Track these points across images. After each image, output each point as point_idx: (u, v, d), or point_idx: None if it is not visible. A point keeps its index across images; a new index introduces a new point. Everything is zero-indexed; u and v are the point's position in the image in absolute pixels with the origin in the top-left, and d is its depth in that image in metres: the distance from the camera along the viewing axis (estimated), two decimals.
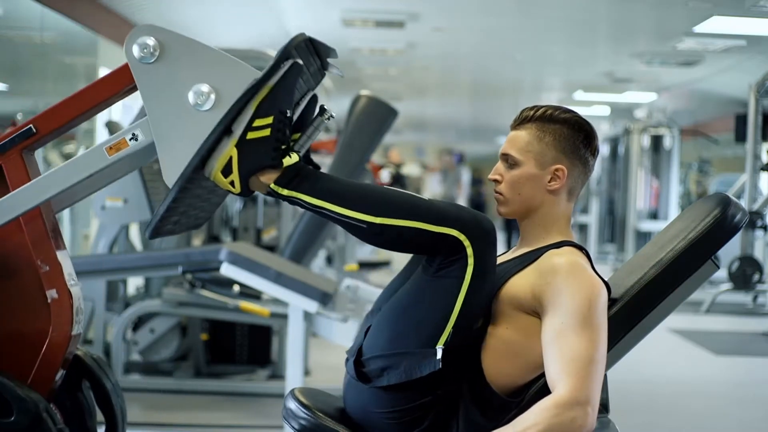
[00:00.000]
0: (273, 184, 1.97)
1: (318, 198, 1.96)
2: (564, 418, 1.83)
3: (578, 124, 2.07)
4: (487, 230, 1.93)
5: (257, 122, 1.96)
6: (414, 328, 1.95)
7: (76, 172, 2.08)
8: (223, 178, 1.98)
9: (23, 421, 2.07)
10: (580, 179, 2.09)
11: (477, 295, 1.93)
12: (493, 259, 1.96)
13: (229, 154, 1.96)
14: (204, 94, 1.97)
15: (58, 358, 2.18)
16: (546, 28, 8.37)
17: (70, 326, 2.18)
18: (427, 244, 1.93)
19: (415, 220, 1.92)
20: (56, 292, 2.17)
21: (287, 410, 2.07)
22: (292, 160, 1.99)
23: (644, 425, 4.74)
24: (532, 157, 2.05)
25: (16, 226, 2.15)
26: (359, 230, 1.95)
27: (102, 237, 5.16)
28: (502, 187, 2.09)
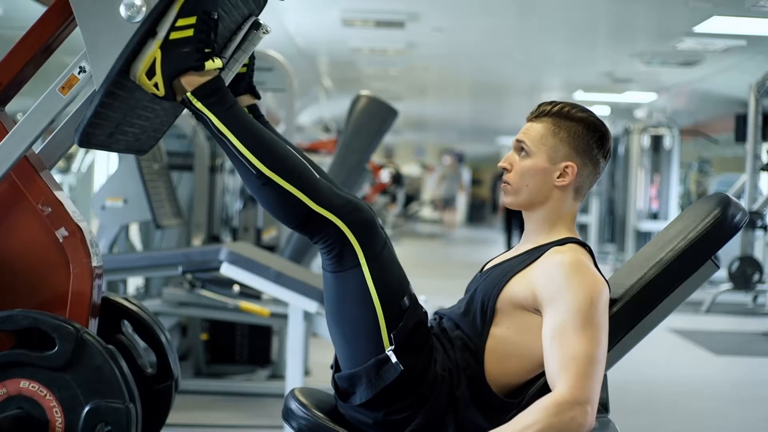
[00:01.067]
0: (189, 93, 1.98)
1: (225, 125, 1.97)
2: (563, 417, 1.83)
3: (594, 125, 2.07)
4: (365, 219, 1.96)
5: (180, 22, 1.97)
6: (354, 331, 1.98)
7: (40, 117, 2.12)
8: (148, 80, 1.99)
9: (67, 348, 2.04)
10: (588, 179, 2.09)
11: (383, 273, 1.96)
12: (378, 239, 1.98)
13: (153, 55, 1.98)
14: (135, 7, 1.99)
15: (86, 292, 2.18)
16: (546, 28, 8.36)
17: (89, 258, 2.19)
18: (302, 218, 1.95)
19: (301, 190, 1.94)
20: (65, 230, 2.18)
21: (287, 410, 2.07)
22: (215, 65, 2.00)
23: (644, 425, 4.74)
24: (545, 150, 2.06)
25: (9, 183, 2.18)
26: (248, 174, 1.96)
27: (102, 237, 5.15)
28: (511, 176, 2.09)
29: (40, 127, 2.12)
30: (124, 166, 4.94)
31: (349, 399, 2.01)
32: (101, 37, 2.02)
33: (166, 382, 2.44)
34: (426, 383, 1.96)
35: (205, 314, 4.84)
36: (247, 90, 2.24)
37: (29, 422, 2.05)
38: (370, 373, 1.96)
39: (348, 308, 1.98)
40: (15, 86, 2.21)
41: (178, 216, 5.24)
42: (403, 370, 1.93)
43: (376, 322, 1.95)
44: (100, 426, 2.03)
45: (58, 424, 2.06)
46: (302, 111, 12.93)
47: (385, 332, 1.95)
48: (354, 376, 1.99)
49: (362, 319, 1.96)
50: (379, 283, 1.95)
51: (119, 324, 2.43)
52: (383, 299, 1.95)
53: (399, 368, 1.93)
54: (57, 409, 2.06)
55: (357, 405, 2.00)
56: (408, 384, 1.95)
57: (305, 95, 11.42)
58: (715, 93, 11.59)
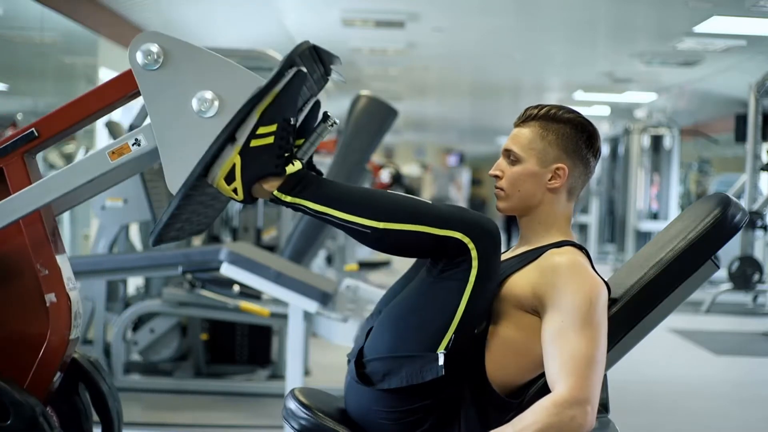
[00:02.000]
0: (276, 192, 1.97)
1: (321, 204, 1.96)
2: (563, 417, 1.83)
3: (581, 125, 2.07)
4: (490, 232, 1.93)
5: (261, 130, 1.95)
6: (416, 330, 1.95)
7: (77, 176, 2.09)
8: (226, 185, 1.98)
9: (20, 425, 2.07)
10: (580, 179, 2.09)
11: (481, 297, 1.93)
12: (497, 261, 1.96)
13: (233, 161, 1.96)
14: (208, 101, 1.97)
15: (55, 361, 2.18)
16: (546, 28, 8.36)
17: (69, 330, 2.19)
18: (430, 248, 1.93)
19: (418, 223, 1.92)
20: (55, 296, 2.17)
21: (287, 410, 2.07)
22: (295, 168, 1.99)
23: (644, 425, 4.74)
24: (534, 154, 2.06)
25: (16, 229, 2.15)
26: (363, 235, 1.95)
27: (102, 237, 5.16)
28: (503, 182, 2.09)
29: (74, 185, 2.08)
30: None
31: (375, 383, 1.98)
32: (171, 127, 1.99)
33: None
34: (447, 390, 1.96)
35: (205, 314, 4.85)
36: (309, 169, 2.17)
37: None
38: (414, 365, 1.93)
39: (425, 311, 1.95)
40: (54, 141, 2.18)
41: None
42: (443, 375, 1.92)
43: (443, 334, 1.92)
44: None
45: None
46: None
47: (444, 346, 1.93)
48: (397, 360, 1.95)
49: (430, 327, 1.93)
50: (472, 303, 1.92)
51: (77, 385, 2.43)
52: (464, 319, 1.92)
53: (441, 372, 1.92)
54: None
55: (383, 390, 1.97)
56: (436, 388, 1.95)
57: None
58: (715, 93, 11.59)
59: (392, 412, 1.97)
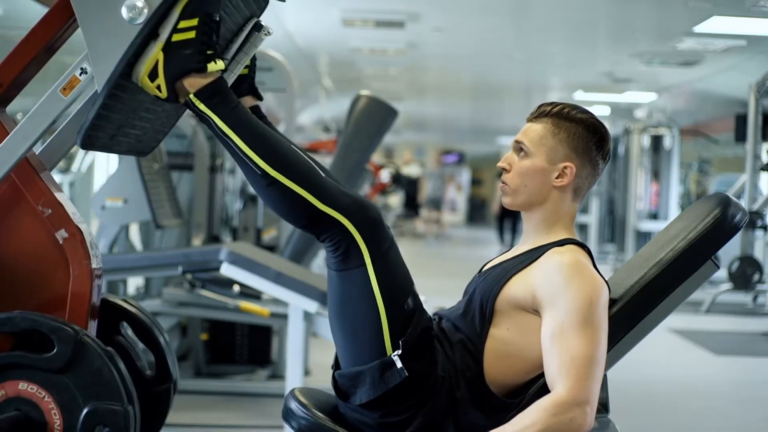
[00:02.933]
0: (192, 95, 1.98)
1: (228, 126, 1.97)
2: (563, 417, 1.83)
3: (594, 126, 2.07)
4: (370, 214, 1.96)
5: (182, 24, 1.97)
6: (357, 331, 1.98)
7: (40, 119, 2.12)
8: (150, 82, 1.99)
9: (66, 350, 2.03)
10: (587, 180, 2.09)
11: (388, 273, 1.96)
12: (384, 238, 1.98)
13: (156, 57, 1.98)
14: (137, 8, 1.99)
15: (85, 294, 2.17)
16: (546, 28, 8.36)
17: (89, 260, 2.19)
18: (307, 217, 1.95)
19: (307, 190, 1.94)
20: (65, 231, 2.18)
21: (287, 410, 2.07)
22: (217, 66, 1.99)
23: (644, 425, 4.74)
24: (544, 151, 2.06)
25: (9, 184, 2.17)
26: (253, 175, 1.96)
27: (102, 237, 5.15)
28: (510, 176, 2.09)
29: (41, 129, 2.12)
30: (124, 166, 4.94)
31: (349, 399, 2.01)
32: (103, 38, 2.01)
33: (165, 384, 2.44)
34: (427, 385, 1.96)
35: (205, 314, 4.84)
36: (250, 91, 2.24)
37: (28, 424, 2.05)
38: (374, 374, 1.95)
39: (351, 307, 1.98)
40: (16, 87, 2.20)
41: (178, 216, 5.24)
42: (407, 375, 1.93)
43: (379, 322, 1.95)
44: (98, 428, 2.03)
45: (56, 427, 2.05)
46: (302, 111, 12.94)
47: (388, 332, 1.95)
48: (357, 375, 1.98)
49: (365, 319, 1.96)
50: (384, 283, 1.95)
51: (118, 326, 2.42)
52: (387, 299, 1.95)
53: (404, 374, 1.93)
54: (55, 411, 2.06)
55: (357, 405, 1.99)
56: (410, 387, 1.95)
57: (305, 95, 11.42)
58: (715, 93, 11.59)
59: (375, 418, 1.99)
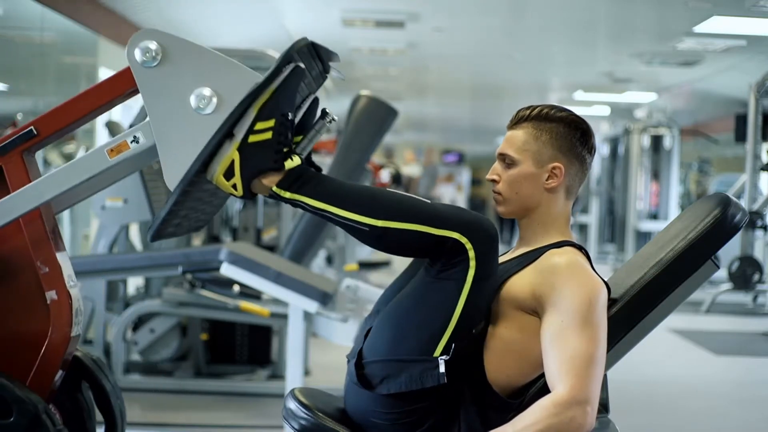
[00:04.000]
0: (275, 187, 1.97)
1: (320, 201, 1.96)
2: (563, 417, 1.83)
3: (574, 123, 2.07)
4: (488, 232, 1.93)
5: (259, 125, 1.96)
6: (414, 331, 1.94)
7: (76, 173, 2.08)
8: (225, 181, 1.98)
9: (22, 422, 2.06)
10: (577, 177, 2.09)
11: (478, 297, 1.93)
12: (494, 262, 1.96)
13: (231, 157, 1.96)
14: (206, 98, 1.97)
15: (57, 359, 2.18)
16: (546, 28, 8.36)
17: (70, 327, 2.18)
18: (428, 247, 1.93)
19: (417, 222, 1.92)
20: (56, 294, 2.16)
21: (287, 410, 2.07)
22: (294, 163, 1.99)
23: (644, 425, 4.74)
24: (530, 156, 2.06)
25: (16, 227, 2.15)
26: (361, 233, 1.95)
27: (102, 237, 5.15)
28: (501, 186, 2.09)
29: (73, 182, 2.08)
30: None
31: (374, 387, 1.98)
32: (169, 124, 1.99)
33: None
34: (446, 392, 1.96)
35: (205, 314, 4.84)
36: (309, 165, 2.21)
37: None
38: (413, 370, 1.93)
39: (425, 310, 1.94)
40: (52, 139, 2.17)
41: None
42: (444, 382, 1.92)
43: (440, 336, 1.92)
44: None
45: None
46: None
47: (443, 345, 1.92)
48: (396, 364, 1.95)
49: (430, 326, 1.93)
50: (470, 304, 1.92)
51: (80, 383, 2.42)
52: (462, 320, 1.92)
53: (443, 379, 1.91)
54: None
55: (381, 395, 1.97)
56: (434, 391, 1.94)
57: None
58: (715, 93, 11.59)
59: (391, 413, 1.97)
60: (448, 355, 1.92)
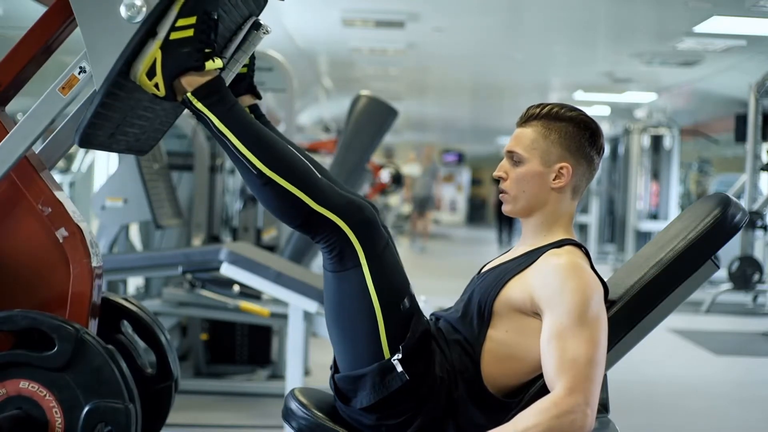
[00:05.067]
0: (190, 93, 1.98)
1: (225, 125, 1.97)
2: (564, 419, 1.83)
3: (584, 123, 2.07)
4: (365, 215, 1.96)
5: (180, 22, 1.97)
6: (353, 341, 1.98)
7: (40, 118, 2.12)
8: (148, 80, 1.99)
9: (67, 348, 2.04)
10: (584, 177, 2.09)
11: (383, 273, 1.96)
12: (379, 239, 1.98)
13: (154, 56, 1.98)
14: (136, 7, 1.99)
15: (86, 292, 2.18)
16: (546, 29, 8.36)
17: (89, 258, 2.19)
18: (303, 218, 1.95)
19: (302, 190, 1.94)
20: (65, 230, 2.18)
21: (287, 410, 2.07)
22: (215, 65, 2.00)
23: (644, 425, 4.74)
24: (538, 154, 2.05)
25: (9, 183, 2.18)
26: (249, 175, 1.96)
27: (102, 237, 5.15)
28: (507, 184, 2.08)
29: (41, 128, 2.13)
30: (124, 166, 4.94)
31: (349, 402, 2.01)
32: (101, 37, 2.02)
33: (166, 383, 2.44)
34: (425, 386, 1.96)
35: (205, 314, 4.84)
36: (248, 90, 2.24)
37: (29, 422, 2.05)
38: (374, 379, 1.95)
39: (347, 308, 1.97)
40: (15, 86, 2.21)
41: (178, 216, 5.24)
42: (408, 379, 1.93)
43: (375, 323, 1.95)
44: (100, 426, 2.03)
45: (57, 425, 2.05)
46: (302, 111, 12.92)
47: (384, 333, 1.95)
48: (356, 379, 1.98)
49: (361, 319, 1.96)
50: (379, 283, 1.95)
51: (119, 324, 2.43)
52: (383, 300, 1.95)
53: (405, 378, 1.93)
54: (57, 409, 2.06)
55: (358, 408, 1.99)
56: (409, 389, 1.95)
57: (305, 95, 11.41)
58: (715, 93, 11.59)
59: (377, 420, 1.99)
60: (399, 352, 1.94)
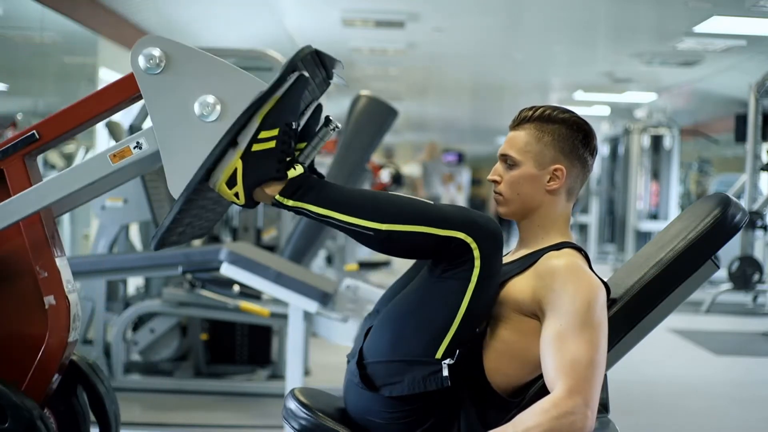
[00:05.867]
0: (278, 196, 1.97)
1: (323, 207, 1.96)
2: (564, 420, 1.83)
3: (576, 124, 2.07)
4: (493, 232, 1.93)
5: (263, 134, 1.96)
6: (416, 330, 1.94)
7: (78, 178, 2.09)
8: (228, 189, 1.98)
9: (17, 428, 2.07)
10: (579, 179, 2.09)
11: (482, 296, 1.93)
12: (499, 261, 1.96)
13: (234, 165, 1.96)
14: (209, 105, 1.97)
15: (53, 364, 2.18)
16: (546, 29, 8.36)
17: (67, 332, 2.18)
18: (433, 248, 1.93)
19: (422, 224, 1.91)
20: (54, 299, 2.17)
21: (287, 410, 2.07)
22: (296, 172, 1.98)
23: (644, 425, 4.74)
24: (531, 157, 2.06)
25: (16, 231, 2.16)
26: (366, 237, 1.95)
27: (102, 237, 5.16)
28: (502, 187, 2.09)
29: (75, 187, 2.08)
30: None
31: (378, 389, 1.97)
32: (173, 131, 1.99)
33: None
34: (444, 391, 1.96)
35: (205, 314, 4.84)
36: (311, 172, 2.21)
37: None
38: (417, 373, 1.93)
39: (429, 308, 1.94)
40: (54, 143, 2.18)
41: None
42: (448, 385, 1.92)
43: (444, 334, 1.92)
44: None
45: None
46: None
47: (446, 344, 1.92)
48: (400, 366, 1.94)
49: (433, 324, 1.93)
50: (475, 302, 1.92)
51: (75, 388, 2.43)
52: (467, 318, 1.92)
53: (447, 383, 1.91)
54: None
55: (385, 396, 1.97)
56: (439, 394, 1.94)
57: None
58: (715, 93, 11.60)
59: (392, 413, 1.97)
60: (452, 358, 1.92)
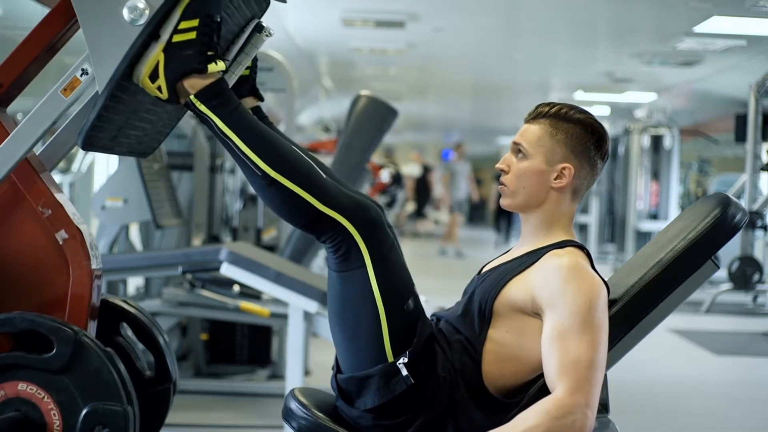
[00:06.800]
0: (193, 96, 1.98)
1: (229, 127, 1.97)
2: (564, 420, 1.83)
3: (592, 126, 2.07)
4: (371, 216, 1.96)
5: (183, 24, 1.97)
6: (353, 341, 1.98)
7: (42, 119, 2.12)
8: (151, 83, 2.00)
9: (65, 350, 2.03)
10: (586, 181, 2.09)
11: (388, 273, 1.96)
12: (384, 237, 1.98)
13: (156, 58, 1.99)
14: (138, 10, 2.00)
15: (85, 294, 2.18)
16: (546, 29, 8.36)
17: (88, 260, 2.19)
18: (309, 219, 1.95)
19: (307, 190, 1.94)
20: (65, 232, 2.18)
21: (287, 410, 2.07)
22: (218, 67, 2.00)
23: (644, 425, 4.74)
24: (542, 152, 2.06)
25: (10, 185, 2.18)
26: (254, 176, 1.97)
27: (102, 237, 5.15)
28: (508, 177, 2.09)
29: (42, 129, 2.12)
30: (124, 167, 4.94)
31: (353, 403, 2.01)
32: (104, 39, 2.02)
33: (165, 385, 2.44)
34: (428, 386, 1.96)
35: (205, 314, 4.84)
36: (251, 92, 2.24)
37: (27, 425, 2.05)
38: (379, 381, 1.95)
39: (351, 308, 1.97)
40: (17, 87, 2.21)
41: (178, 216, 5.24)
42: (413, 383, 1.93)
43: (379, 324, 1.95)
44: (98, 428, 2.03)
45: (56, 427, 2.05)
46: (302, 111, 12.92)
47: (387, 334, 1.95)
48: (361, 381, 1.98)
49: (365, 320, 1.96)
50: (384, 284, 1.95)
51: (118, 326, 2.43)
52: (387, 301, 1.95)
53: (410, 381, 1.93)
54: (55, 411, 2.06)
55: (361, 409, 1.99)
56: (413, 391, 1.95)
57: (305, 95, 11.41)
58: (715, 93, 11.59)
59: (378, 420, 1.99)
60: (405, 354, 1.94)
